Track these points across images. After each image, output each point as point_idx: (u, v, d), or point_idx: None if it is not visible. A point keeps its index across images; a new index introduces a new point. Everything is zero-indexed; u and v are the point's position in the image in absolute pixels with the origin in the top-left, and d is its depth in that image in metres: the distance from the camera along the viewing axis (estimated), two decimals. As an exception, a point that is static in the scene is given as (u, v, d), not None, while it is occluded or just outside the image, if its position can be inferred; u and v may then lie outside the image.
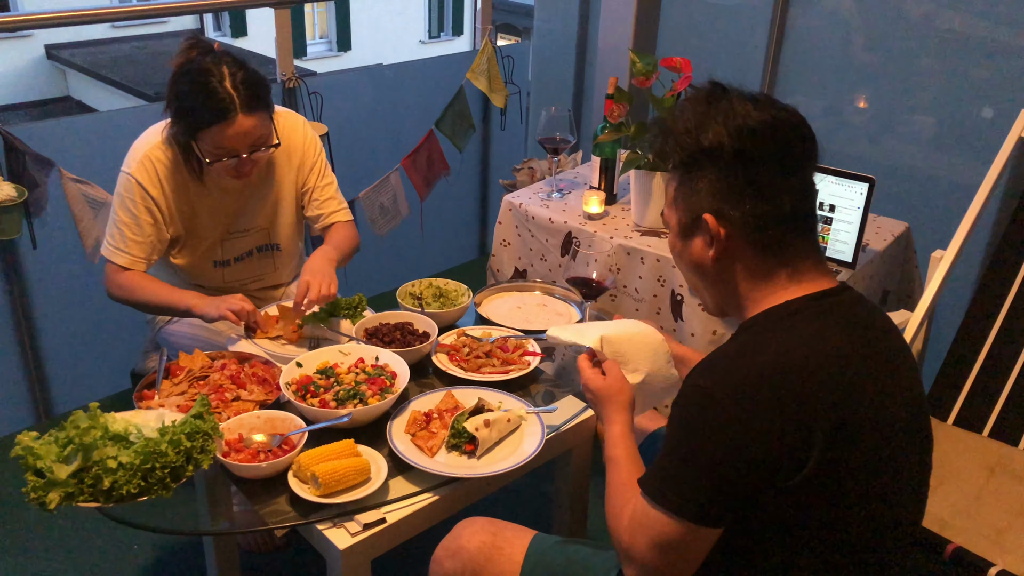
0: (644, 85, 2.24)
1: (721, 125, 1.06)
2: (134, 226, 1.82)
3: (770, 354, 1.01)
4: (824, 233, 2.14)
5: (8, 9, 12.18)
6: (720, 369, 1.03)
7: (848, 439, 0.99)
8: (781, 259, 1.09)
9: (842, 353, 1.02)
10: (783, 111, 1.07)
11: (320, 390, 1.52)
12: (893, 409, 1.05)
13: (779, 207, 1.06)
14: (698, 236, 1.12)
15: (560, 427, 1.58)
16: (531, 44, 3.73)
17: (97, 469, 1.23)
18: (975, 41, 2.55)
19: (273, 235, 2.01)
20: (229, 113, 1.68)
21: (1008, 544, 1.62)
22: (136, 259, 1.83)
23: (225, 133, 1.69)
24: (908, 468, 1.09)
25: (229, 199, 1.91)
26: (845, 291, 1.10)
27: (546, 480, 2.09)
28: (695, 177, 1.10)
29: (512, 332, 1.83)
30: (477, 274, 2.03)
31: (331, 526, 1.31)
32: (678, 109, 1.13)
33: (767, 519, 1.01)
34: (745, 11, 3.03)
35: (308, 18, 14.56)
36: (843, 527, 1.02)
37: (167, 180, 1.82)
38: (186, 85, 1.70)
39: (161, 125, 1.84)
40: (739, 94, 1.09)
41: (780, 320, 1.07)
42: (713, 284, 1.15)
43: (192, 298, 1.79)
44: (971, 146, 2.60)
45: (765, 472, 0.98)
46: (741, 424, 0.98)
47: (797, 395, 0.97)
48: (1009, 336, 2.01)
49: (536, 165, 2.98)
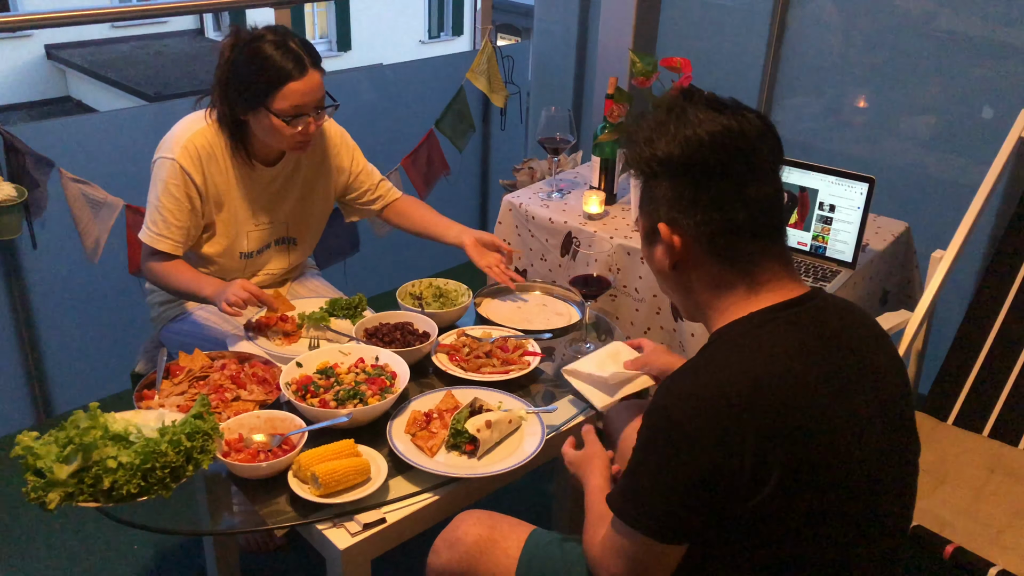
0: (644, 85, 2.24)
1: (672, 136, 1.05)
2: (178, 211, 1.82)
3: (728, 372, 1.00)
4: (824, 233, 2.14)
5: (8, 9, 12.17)
6: (679, 388, 1.02)
7: (814, 452, 0.98)
8: (740, 269, 1.08)
9: (806, 366, 1.00)
10: (740, 120, 1.05)
11: (320, 390, 1.52)
12: (867, 414, 1.03)
13: (732, 217, 1.05)
14: (658, 244, 1.12)
15: (560, 427, 1.58)
16: (531, 44, 3.73)
17: (97, 469, 1.23)
18: (975, 41, 2.55)
19: (292, 228, 2.03)
20: (303, 65, 1.74)
21: (1008, 544, 1.62)
22: (177, 244, 1.85)
23: (301, 88, 1.74)
24: (889, 471, 1.07)
25: (263, 189, 1.93)
26: (814, 298, 1.08)
27: (546, 479, 2.09)
28: (652, 186, 1.10)
29: (512, 332, 1.83)
30: (477, 274, 2.02)
31: (331, 526, 1.32)
32: (641, 116, 1.13)
33: (740, 534, 1.01)
34: (745, 11, 3.03)
35: (308, 18, 14.55)
36: (821, 538, 1.02)
37: (208, 166, 1.84)
38: (245, 57, 1.74)
39: (198, 115, 1.86)
40: (704, 101, 1.08)
41: (742, 334, 1.06)
42: (676, 291, 1.16)
43: (209, 288, 1.80)
44: (971, 146, 2.61)
45: (723, 491, 0.98)
46: (697, 445, 0.97)
47: (755, 415, 0.96)
48: (1009, 336, 2.01)
49: (536, 165, 2.98)
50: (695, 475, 0.98)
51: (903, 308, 2.13)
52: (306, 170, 1.99)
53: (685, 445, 0.98)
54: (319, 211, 2.06)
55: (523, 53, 3.54)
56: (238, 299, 1.70)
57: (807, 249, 2.18)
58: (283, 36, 1.75)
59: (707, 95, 1.10)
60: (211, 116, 1.84)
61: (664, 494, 1.01)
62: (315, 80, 1.76)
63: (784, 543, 1.01)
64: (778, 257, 1.09)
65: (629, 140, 1.13)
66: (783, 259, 1.10)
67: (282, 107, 1.74)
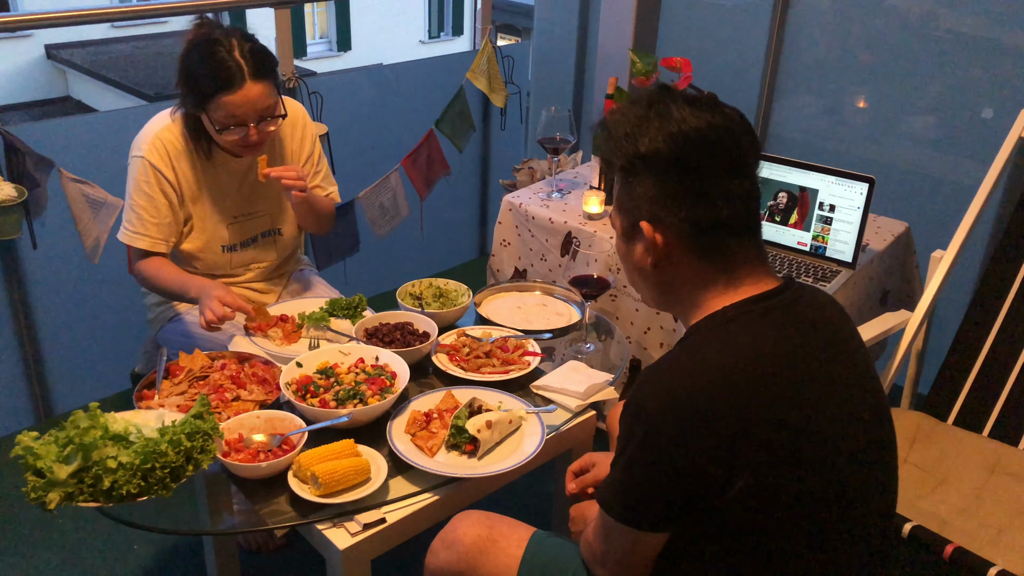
0: (644, 85, 2.25)
1: (657, 131, 1.05)
2: (151, 208, 1.84)
3: (703, 366, 1.01)
4: (824, 233, 2.14)
5: (8, 9, 12.17)
6: (655, 380, 1.03)
7: (790, 442, 0.99)
8: (721, 264, 1.08)
9: (781, 357, 1.01)
10: (722, 116, 1.06)
11: (320, 390, 1.52)
12: (841, 404, 1.04)
13: (716, 213, 1.05)
14: (638, 242, 1.12)
15: (560, 427, 1.58)
16: (531, 44, 3.73)
17: (97, 469, 1.23)
18: (975, 41, 2.55)
19: (276, 219, 2.03)
20: (237, 79, 1.72)
21: (1008, 544, 1.62)
22: (156, 240, 1.86)
23: (234, 100, 1.72)
24: (866, 461, 1.07)
25: (235, 181, 1.93)
26: (787, 290, 1.09)
27: (546, 480, 2.09)
28: (633, 183, 1.09)
29: (512, 332, 1.83)
30: (477, 274, 2.03)
31: (331, 526, 1.32)
32: (619, 112, 1.11)
33: (719, 524, 1.02)
34: (745, 11, 3.03)
35: (308, 18, 14.55)
36: (802, 527, 1.02)
37: (177, 160, 1.85)
38: (196, 56, 1.74)
39: (168, 111, 1.88)
40: (682, 97, 1.08)
41: (716, 328, 1.06)
42: (655, 287, 1.15)
43: (195, 288, 1.81)
44: (971, 146, 2.61)
45: (698, 484, 0.99)
46: (671, 438, 0.98)
47: (728, 408, 0.97)
48: (1009, 336, 2.01)
49: (536, 165, 2.98)
50: (670, 468, 1.00)
51: (903, 308, 2.13)
52: (277, 159, 1.98)
53: (660, 439, 1.00)
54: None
55: (523, 53, 3.54)
56: (214, 316, 1.69)
57: (807, 249, 2.18)
58: (234, 41, 1.73)
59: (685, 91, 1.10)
60: (177, 111, 1.86)
61: (641, 485, 1.04)
62: (253, 93, 1.73)
63: (764, 533, 1.02)
64: (756, 252, 1.10)
65: (608, 136, 1.12)
66: (760, 254, 1.11)
67: (216, 116, 1.75)
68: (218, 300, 1.70)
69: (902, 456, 1.85)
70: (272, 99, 1.78)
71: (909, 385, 2.17)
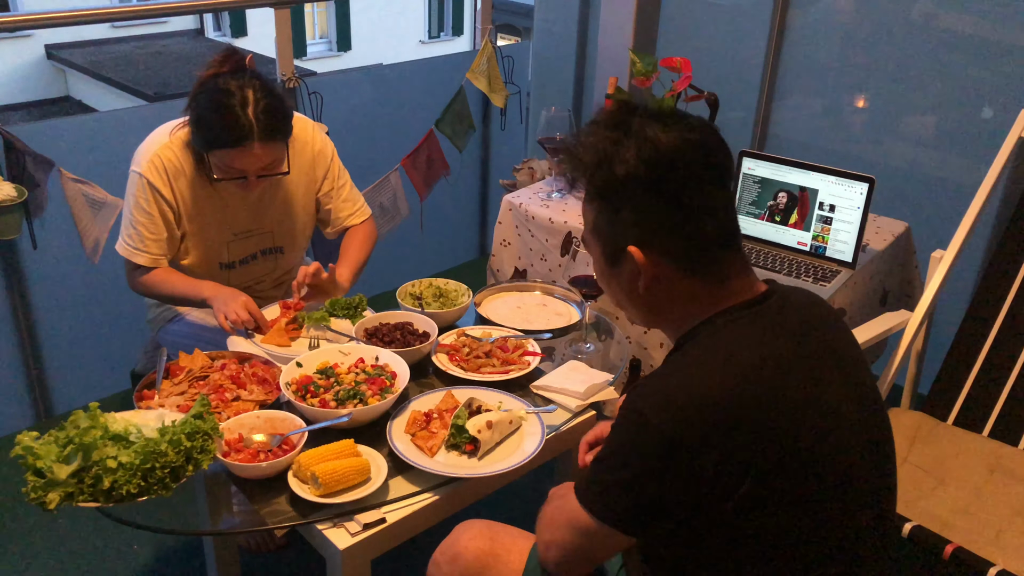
0: (644, 85, 2.25)
1: (633, 153, 1.02)
2: (151, 224, 1.83)
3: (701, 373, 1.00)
4: (824, 233, 2.14)
5: (8, 9, 12.18)
6: (653, 392, 1.01)
7: (789, 445, 0.98)
8: (709, 277, 1.07)
9: (774, 361, 1.00)
10: (693, 130, 1.04)
11: (320, 390, 1.52)
12: (834, 405, 1.03)
13: (702, 229, 1.04)
14: (624, 268, 1.09)
15: (560, 427, 1.58)
16: (531, 44, 3.73)
17: (97, 469, 1.23)
18: (975, 41, 2.55)
19: (278, 238, 2.01)
20: (245, 140, 1.69)
21: (1008, 544, 1.62)
22: (156, 257, 1.86)
23: (239, 158, 1.71)
24: (862, 462, 1.06)
25: (236, 200, 1.91)
26: (773, 294, 1.08)
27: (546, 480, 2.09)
28: (614, 208, 1.06)
29: (512, 332, 1.83)
30: (477, 274, 2.03)
31: (331, 526, 1.32)
32: (584, 135, 1.08)
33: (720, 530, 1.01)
34: (745, 11, 3.03)
35: (308, 18, 14.56)
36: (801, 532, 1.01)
37: (176, 178, 1.83)
38: (207, 101, 1.70)
39: (171, 125, 1.85)
40: (646, 113, 1.05)
41: (710, 337, 1.05)
42: (644, 307, 1.13)
43: (208, 289, 1.81)
44: (971, 146, 2.61)
45: (695, 494, 0.98)
46: (670, 449, 0.97)
47: (727, 416, 0.96)
48: (1009, 336, 2.01)
49: (536, 165, 2.98)
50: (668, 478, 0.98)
51: (903, 308, 2.13)
52: (289, 179, 1.95)
53: (658, 449, 0.98)
54: (302, 222, 2.03)
55: (523, 53, 3.54)
56: (238, 319, 1.73)
57: (807, 249, 2.18)
58: (250, 94, 1.68)
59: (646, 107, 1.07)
60: (180, 130, 1.82)
61: (630, 490, 1.02)
62: (255, 153, 1.71)
63: (764, 538, 1.01)
64: (741, 258, 1.10)
65: (574, 163, 1.08)
66: (744, 258, 1.10)
67: (216, 163, 1.75)
68: (244, 306, 1.74)
69: (902, 456, 1.85)
70: (279, 155, 1.77)
71: (909, 385, 2.17)
